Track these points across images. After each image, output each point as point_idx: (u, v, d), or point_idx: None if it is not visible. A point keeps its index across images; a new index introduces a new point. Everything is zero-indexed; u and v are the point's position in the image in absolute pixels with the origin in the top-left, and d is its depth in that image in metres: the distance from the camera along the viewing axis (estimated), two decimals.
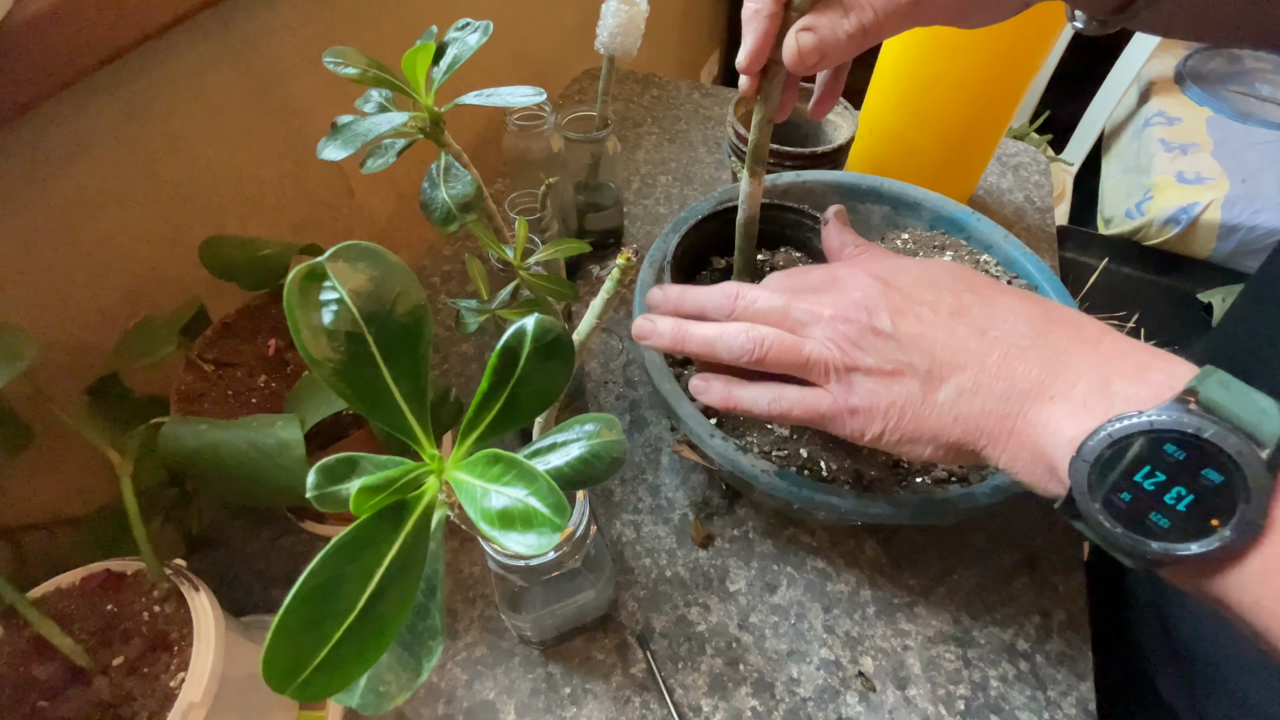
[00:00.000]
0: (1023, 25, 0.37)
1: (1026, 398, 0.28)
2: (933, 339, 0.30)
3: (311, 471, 0.19)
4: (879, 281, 0.33)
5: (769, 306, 0.34)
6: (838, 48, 0.31)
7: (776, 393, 0.34)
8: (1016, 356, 0.28)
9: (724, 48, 1.67)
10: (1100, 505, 0.24)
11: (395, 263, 0.20)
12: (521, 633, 0.41)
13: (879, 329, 0.31)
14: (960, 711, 0.40)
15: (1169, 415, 0.23)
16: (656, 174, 0.77)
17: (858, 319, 0.32)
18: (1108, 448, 0.24)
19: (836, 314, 0.32)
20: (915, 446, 0.31)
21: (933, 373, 0.30)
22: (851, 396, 0.31)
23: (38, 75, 0.34)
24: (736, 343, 0.33)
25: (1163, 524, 0.24)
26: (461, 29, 0.34)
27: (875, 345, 0.31)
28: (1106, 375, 0.26)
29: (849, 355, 0.31)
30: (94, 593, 0.34)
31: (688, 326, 0.35)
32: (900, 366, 0.30)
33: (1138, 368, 0.26)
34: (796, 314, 0.33)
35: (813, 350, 0.32)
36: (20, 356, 0.29)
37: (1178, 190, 1.43)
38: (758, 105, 0.35)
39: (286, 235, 0.55)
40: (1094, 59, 1.62)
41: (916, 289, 0.32)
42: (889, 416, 0.31)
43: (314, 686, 0.16)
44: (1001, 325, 0.30)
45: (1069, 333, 0.29)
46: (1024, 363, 0.28)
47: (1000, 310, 0.30)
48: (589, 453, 0.23)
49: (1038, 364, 0.28)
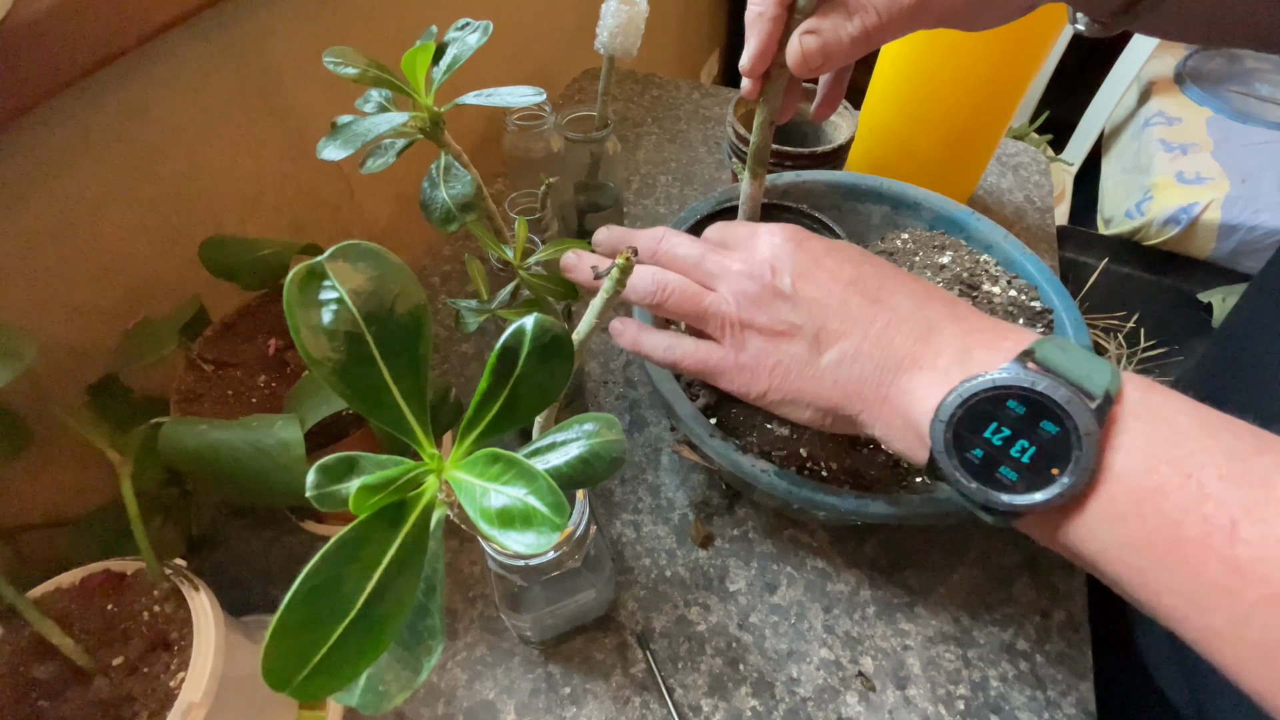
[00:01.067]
0: (1023, 25, 0.37)
1: (900, 367, 0.29)
2: (826, 304, 0.31)
3: (311, 471, 0.19)
4: (791, 243, 0.34)
5: (685, 254, 0.35)
6: (841, 51, 0.31)
7: (672, 340, 0.35)
8: (896, 328, 0.30)
9: (724, 48, 1.67)
10: (956, 462, 0.26)
11: (395, 262, 0.20)
12: (521, 633, 0.41)
13: (780, 289, 0.32)
14: (960, 711, 0.40)
15: (1009, 373, 0.25)
16: (656, 174, 0.77)
17: (762, 276, 0.33)
18: (959, 407, 0.26)
19: (743, 269, 0.33)
20: (795, 408, 0.32)
21: (819, 337, 0.31)
22: (741, 354, 0.33)
23: (38, 75, 0.34)
24: (641, 283, 0.34)
25: (1011, 476, 0.25)
26: (461, 29, 0.34)
27: (772, 305, 0.32)
28: (968, 346, 0.28)
29: (745, 312, 0.33)
30: (94, 593, 0.34)
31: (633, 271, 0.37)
32: (790, 328, 0.32)
33: (996, 338, 0.28)
34: (708, 265, 0.34)
35: (711, 303, 0.33)
36: (20, 356, 0.29)
37: (1178, 190, 1.42)
38: (760, 107, 0.35)
39: (286, 235, 0.55)
40: (1094, 59, 1.62)
41: (824, 257, 0.33)
42: (774, 375, 0.32)
43: (313, 685, 0.16)
44: (890, 297, 0.31)
45: (944, 309, 0.30)
46: (901, 334, 0.30)
47: (890, 284, 0.32)
48: (589, 452, 0.23)
49: (912, 335, 0.30)
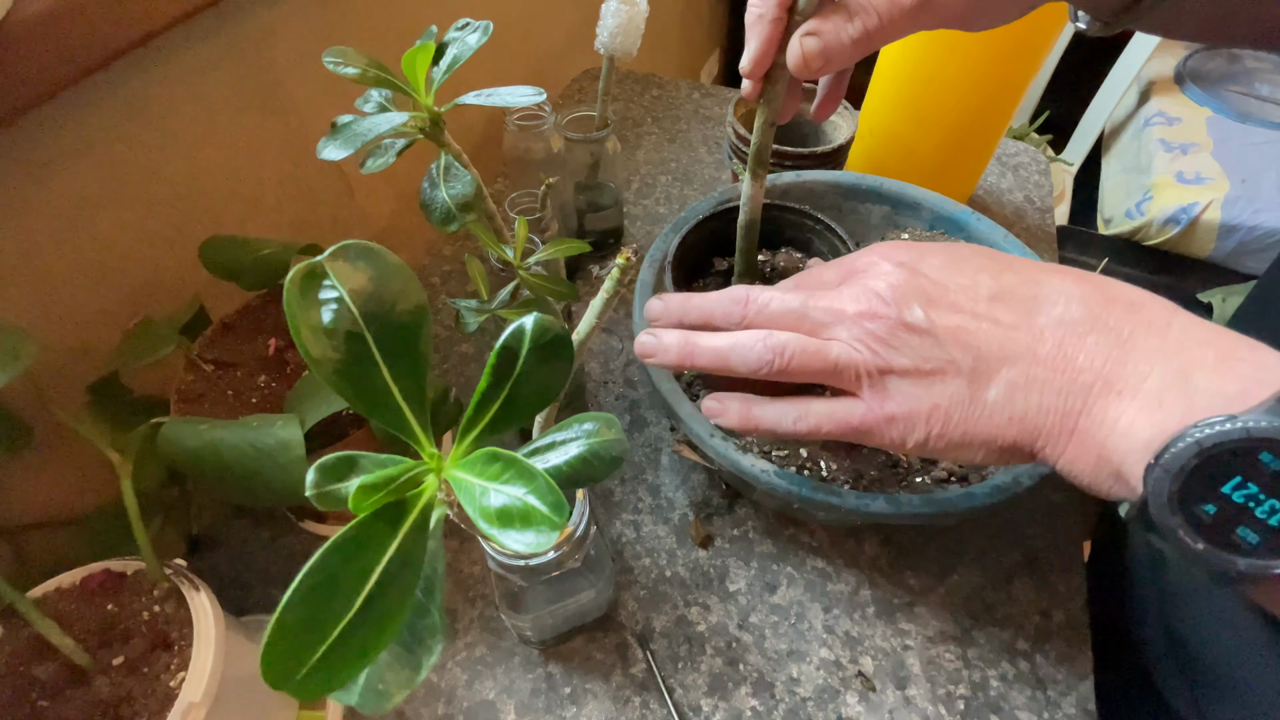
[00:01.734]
0: (1023, 25, 0.37)
1: (1089, 392, 0.25)
2: (974, 330, 0.27)
3: (310, 470, 0.19)
4: (904, 269, 0.29)
5: (784, 309, 0.31)
6: (842, 52, 0.31)
7: (802, 409, 0.31)
8: (1074, 344, 0.25)
9: (724, 48, 1.67)
10: (1181, 518, 0.22)
11: (395, 263, 0.20)
12: (521, 633, 0.41)
13: (912, 323, 0.28)
14: (960, 711, 0.40)
15: (1269, 421, 0.20)
16: (656, 174, 0.77)
17: (886, 313, 0.28)
18: (1194, 456, 0.21)
19: (861, 310, 0.29)
20: (965, 451, 0.28)
21: (978, 369, 0.27)
22: (888, 403, 0.28)
23: (38, 75, 0.34)
24: (753, 353, 0.30)
25: (1251, 540, 0.21)
26: (461, 29, 0.34)
27: (909, 342, 0.28)
28: (1184, 367, 0.23)
29: (881, 356, 0.28)
30: (94, 593, 0.34)
31: (696, 339, 0.32)
32: (941, 365, 0.27)
33: (1220, 358, 0.23)
34: (815, 314, 0.30)
35: (840, 353, 0.29)
36: (20, 356, 0.29)
37: (1178, 190, 1.42)
38: (761, 108, 0.35)
39: (286, 235, 0.55)
40: (1094, 59, 1.62)
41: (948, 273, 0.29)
42: (933, 422, 0.27)
43: (313, 684, 0.16)
44: (1052, 308, 0.26)
45: (1132, 315, 0.25)
46: (1083, 352, 0.25)
47: (1048, 291, 0.27)
48: (588, 451, 0.23)
49: (1099, 353, 0.25)
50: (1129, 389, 0.24)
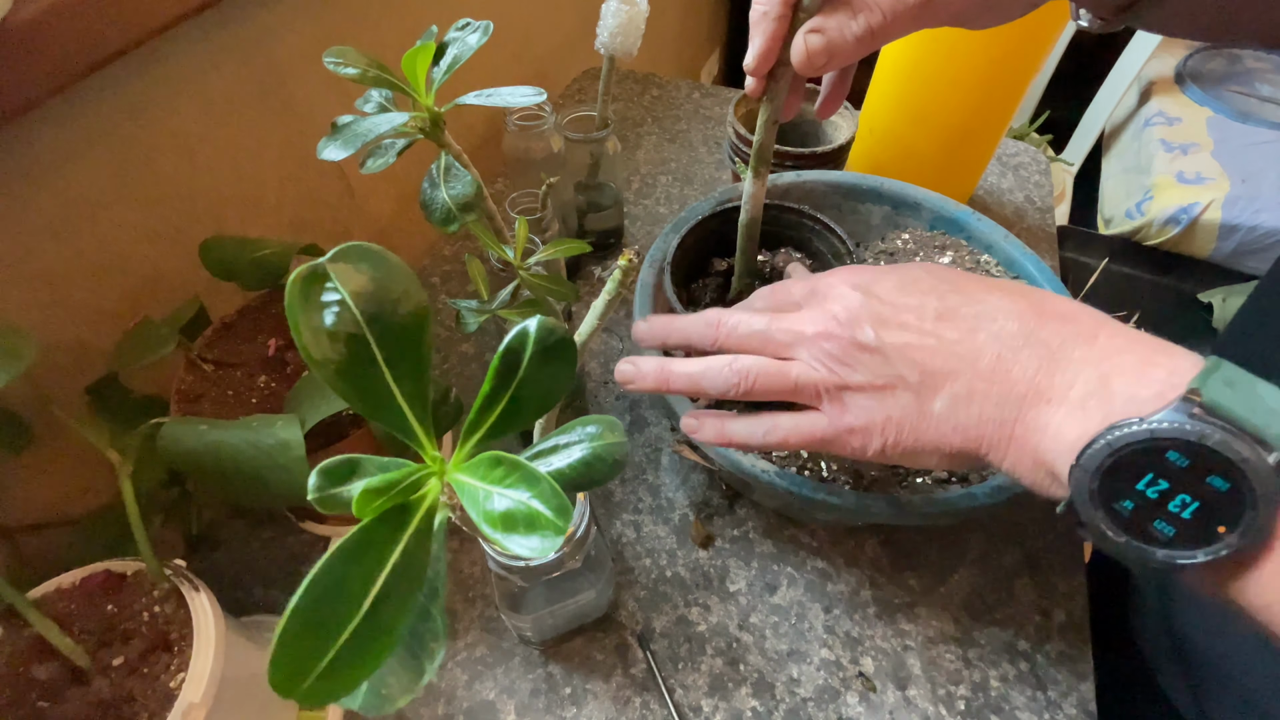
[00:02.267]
0: (1023, 25, 0.37)
1: (1023, 401, 0.27)
2: (920, 347, 0.29)
3: (313, 473, 0.19)
4: (859, 291, 0.31)
5: (749, 332, 0.33)
6: (846, 49, 0.31)
7: (770, 423, 0.33)
8: (1010, 358, 0.27)
9: (724, 48, 1.66)
10: (1102, 513, 0.24)
11: (396, 264, 0.20)
12: (521, 633, 0.41)
13: (863, 343, 0.30)
14: (960, 712, 0.40)
15: (1171, 422, 0.22)
16: (656, 174, 0.77)
17: (840, 334, 0.30)
18: (1107, 456, 0.23)
19: (819, 331, 0.31)
20: (919, 458, 0.30)
21: (924, 383, 0.29)
22: (846, 415, 0.30)
23: (38, 75, 0.34)
24: (720, 378, 0.32)
25: (1167, 531, 0.23)
26: (461, 29, 0.33)
27: (862, 360, 0.30)
28: (1105, 373, 0.25)
29: (836, 374, 0.30)
30: (94, 593, 0.34)
31: (670, 365, 0.35)
32: (890, 380, 0.29)
33: (1139, 364, 0.25)
34: (779, 336, 0.32)
35: (800, 373, 0.31)
36: (20, 356, 0.29)
37: (1178, 190, 1.42)
38: (763, 106, 0.35)
39: (286, 235, 0.55)
40: (1094, 59, 1.62)
41: (898, 295, 0.31)
42: (887, 432, 0.30)
43: (320, 691, 0.16)
44: (991, 325, 0.28)
45: (1063, 328, 0.27)
46: (1018, 364, 0.27)
47: (988, 309, 0.29)
48: (591, 455, 0.23)
49: (1032, 364, 0.27)
50: (1057, 397, 0.26)
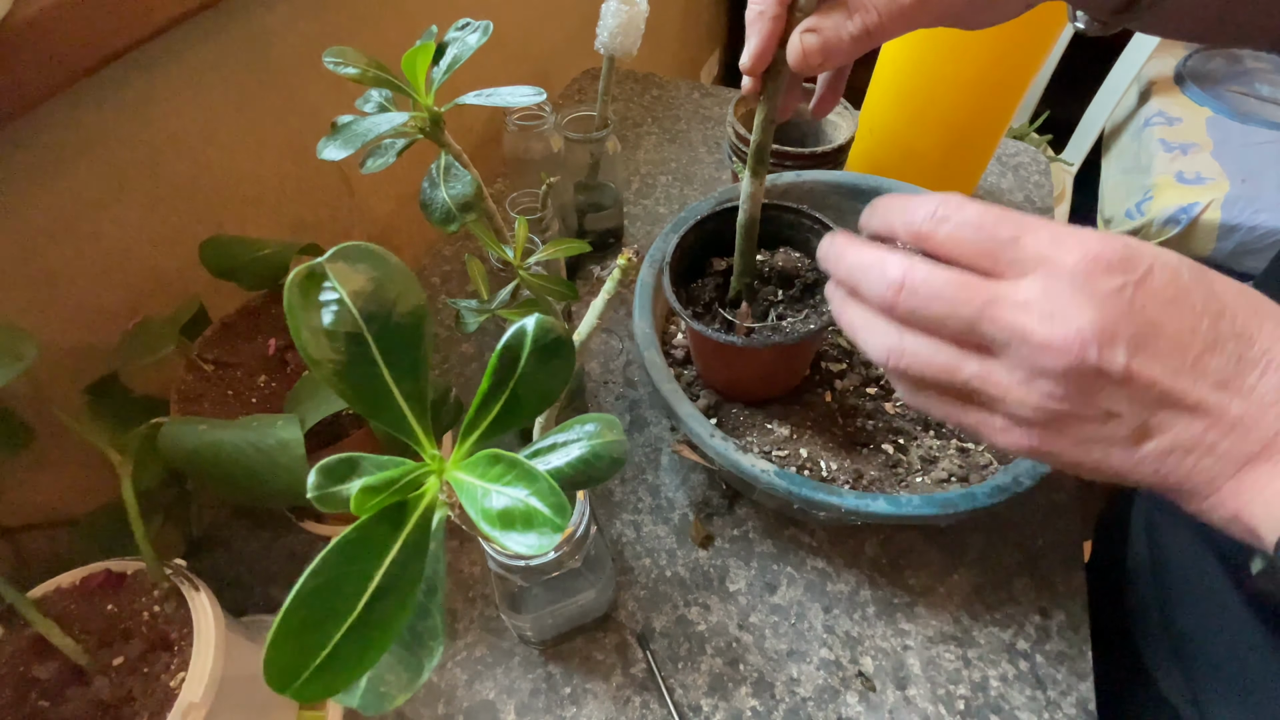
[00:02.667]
0: (1023, 25, 0.37)
1: (1250, 459, 0.23)
2: (1170, 388, 0.23)
3: (312, 472, 0.19)
4: (1125, 291, 0.23)
5: (945, 313, 0.25)
6: (841, 49, 0.31)
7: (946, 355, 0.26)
8: (1258, 413, 0.23)
9: (724, 48, 1.66)
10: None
11: (395, 263, 0.20)
12: (521, 633, 0.41)
13: (1107, 371, 0.23)
14: (960, 711, 0.40)
15: None
16: (656, 174, 0.77)
17: (1082, 357, 0.23)
18: None
19: (1046, 341, 0.23)
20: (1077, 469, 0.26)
21: (1150, 423, 0.24)
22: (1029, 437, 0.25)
23: (38, 75, 0.34)
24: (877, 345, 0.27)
25: None
26: (461, 29, 0.34)
27: (1091, 390, 0.23)
28: None
29: (1045, 404, 0.24)
30: (94, 593, 0.34)
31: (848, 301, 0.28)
32: (1112, 412, 0.24)
33: None
34: (988, 329, 0.24)
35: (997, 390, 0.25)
36: (20, 356, 0.29)
37: (1178, 190, 1.42)
38: (760, 105, 0.35)
39: (286, 235, 0.55)
40: (1094, 59, 1.62)
41: (1169, 308, 0.24)
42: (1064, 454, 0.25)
43: (315, 687, 0.16)
44: (1253, 376, 0.23)
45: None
46: (1264, 421, 0.23)
47: (1256, 353, 0.23)
48: (590, 453, 0.23)
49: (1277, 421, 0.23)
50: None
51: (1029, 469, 0.38)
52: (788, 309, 0.43)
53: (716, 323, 0.43)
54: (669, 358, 0.43)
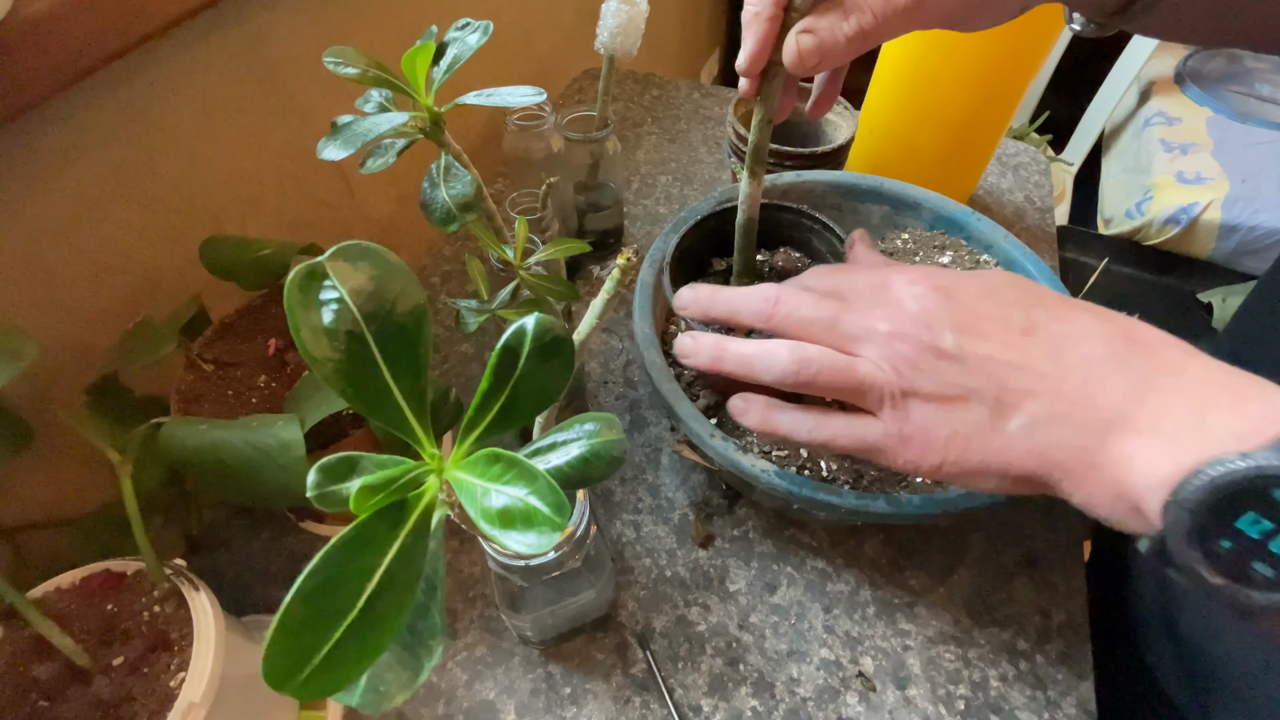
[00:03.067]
0: (1022, 26, 0.37)
1: (1109, 429, 0.25)
2: (1003, 361, 0.27)
3: (311, 471, 0.19)
4: (940, 293, 0.29)
5: (814, 316, 0.30)
6: (837, 50, 0.31)
7: (819, 420, 0.31)
8: (1097, 383, 0.26)
9: (724, 48, 1.67)
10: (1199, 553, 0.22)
11: (395, 262, 0.20)
12: (521, 633, 0.41)
13: (942, 349, 0.28)
14: (960, 711, 0.40)
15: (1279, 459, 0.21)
16: (656, 174, 0.77)
17: (918, 336, 0.28)
18: (1209, 493, 0.22)
19: (894, 330, 0.29)
20: (979, 479, 0.28)
21: (1001, 399, 0.27)
22: (906, 425, 0.28)
23: (38, 75, 0.34)
24: (778, 363, 0.30)
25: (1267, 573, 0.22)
26: (461, 29, 0.34)
27: (937, 367, 0.28)
28: (1199, 406, 0.24)
29: (906, 378, 0.28)
30: (94, 593, 0.34)
31: (727, 345, 0.33)
32: (965, 392, 0.27)
33: (1234, 398, 0.24)
34: (847, 327, 0.29)
35: (867, 373, 0.29)
36: (20, 356, 0.29)
37: (1178, 190, 1.42)
38: (757, 106, 0.35)
39: (286, 235, 0.55)
40: (1094, 59, 1.62)
41: (982, 302, 0.29)
42: (949, 449, 0.28)
43: (314, 685, 0.16)
44: (1079, 347, 0.27)
45: (1152, 356, 0.26)
46: (1105, 390, 0.26)
47: (1077, 329, 0.27)
48: (589, 452, 0.23)
49: (1120, 392, 0.25)
50: (1147, 428, 0.24)
51: None
52: None
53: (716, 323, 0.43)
54: (669, 358, 0.43)
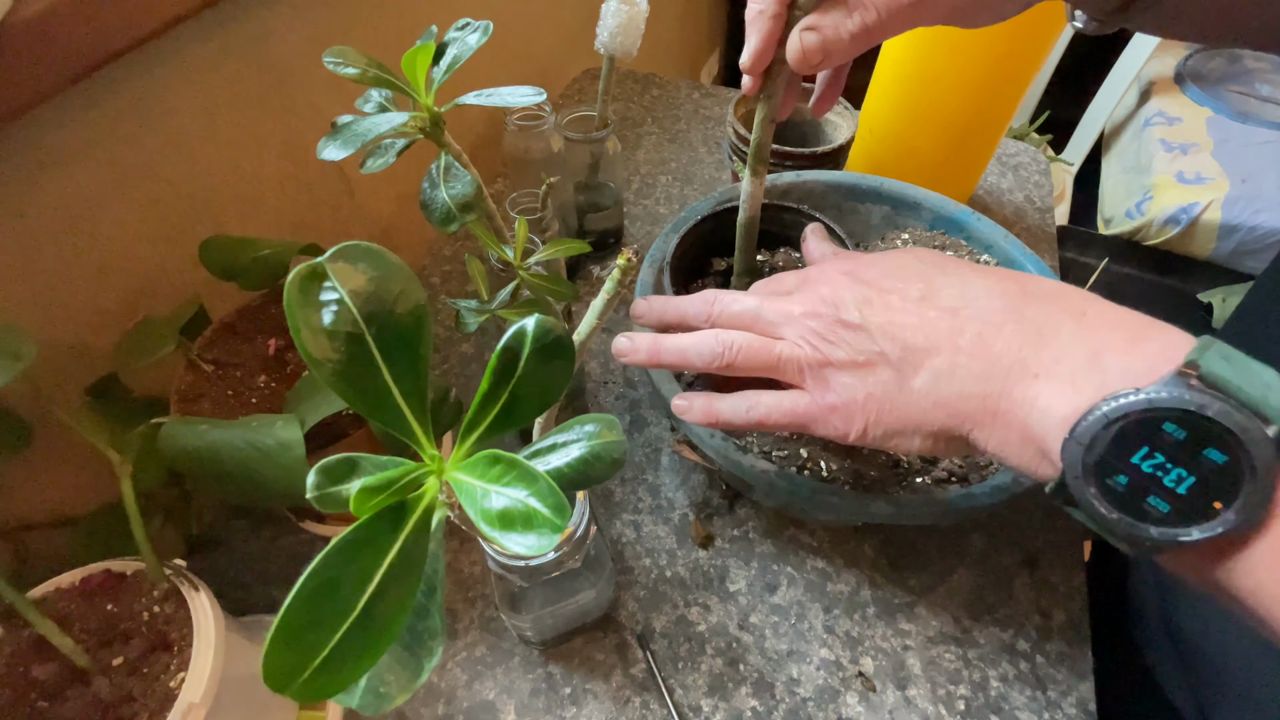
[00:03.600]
0: (1023, 25, 0.37)
1: (1008, 375, 0.27)
2: (903, 324, 0.30)
3: (312, 472, 0.19)
4: (846, 276, 0.33)
5: (741, 310, 0.34)
6: (841, 47, 0.31)
7: (752, 400, 0.33)
8: (992, 334, 0.28)
9: (724, 48, 1.67)
10: (1095, 489, 0.23)
11: (395, 263, 0.20)
12: (521, 633, 0.41)
13: (847, 321, 0.31)
14: (960, 711, 0.40)
15: (1169, 392, 0.21)
16: (656, 174, 0.77)
17: (826, 313, 0.31)
18: (1103, 428, 0.23)
19: (806, 310, 0.32)
20: (902, 439, 0.30)
21: (905, 359, 0.29)
22: (828, 394, 0.31)
23: (38, 75, 0.34)
24: (706, 348, 0.33)
25: (1162, 508, 0.22)
26: (461, 29, 0.33)
27: (845, 337, 0.31)
28: (1095, 348, 0.25)
29: (820, 350, 0.31)
30: (94, 593, 0.34)
31: (663, 340, 0.35)
32: (872, 357, 0.30)
33: (1130, 339, 0.25)
34: (768, 315, 0.33)
35: (783, 350, 0.32)
36: (20, 356, 0.29)
37: (1178, 190, 1.42)
38: (760, 104, 0.35)
39: (286, 235, 0.55)
40: (1094, 59, 1.62)
41: (884, 279, 0.32)
42: (868, 410, 0.30)
43: (314, 687, 0.16)
44: (974, 304, 0.29)
45: (1048, 305, 0.28)
46: (1000, 339, 0.27)
47: (972, 289, 0.30)
48: (589, 453, 0.23)
49: (1016, 340, 0.27)
50: (1045, 371, 0.26)
51: None
52: None
53: None
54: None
